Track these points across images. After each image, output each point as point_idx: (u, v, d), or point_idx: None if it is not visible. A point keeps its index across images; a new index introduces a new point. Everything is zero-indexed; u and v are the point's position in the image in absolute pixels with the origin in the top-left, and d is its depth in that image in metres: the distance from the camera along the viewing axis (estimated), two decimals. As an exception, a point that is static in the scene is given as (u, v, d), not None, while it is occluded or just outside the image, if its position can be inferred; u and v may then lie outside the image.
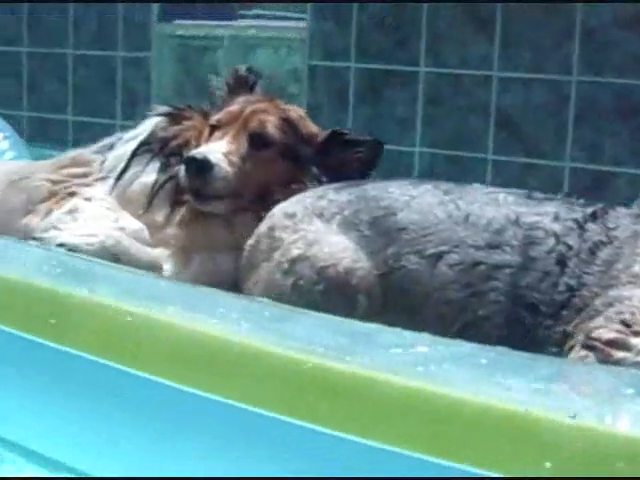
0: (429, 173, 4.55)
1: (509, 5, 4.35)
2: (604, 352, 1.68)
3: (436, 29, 4.53)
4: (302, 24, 4.90)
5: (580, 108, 4.25)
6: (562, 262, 1.85)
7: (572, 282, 1.83)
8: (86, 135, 2.92)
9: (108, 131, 3.15)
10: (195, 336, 1.66)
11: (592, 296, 1.80)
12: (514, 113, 4.38)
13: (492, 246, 1.91)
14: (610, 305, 1.75)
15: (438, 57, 4.53)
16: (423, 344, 1.56)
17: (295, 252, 2.04)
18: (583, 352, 1.75)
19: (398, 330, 1.65)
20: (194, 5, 5.52)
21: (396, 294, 1.98)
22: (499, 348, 1.58)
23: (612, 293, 1.77)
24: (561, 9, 4.25)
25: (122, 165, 2.70)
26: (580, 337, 1.79)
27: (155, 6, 5.34)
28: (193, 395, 1.57)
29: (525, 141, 4.36)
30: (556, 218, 1.92)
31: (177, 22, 5.34)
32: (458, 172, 4.47)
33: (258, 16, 6.79)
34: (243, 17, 6.34)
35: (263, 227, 2.20)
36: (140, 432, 1.66)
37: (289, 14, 5.39)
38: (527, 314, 1.85)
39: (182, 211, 2.47)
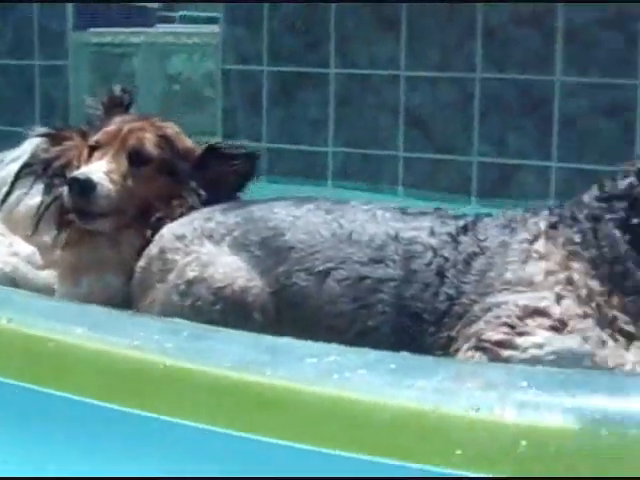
0: (343, 172, 4.66)
1: (414, 6, 4.46)
2: (493, 352, 1.81)
3: (344, 31, 4.63)
4: (215, 29, 4.98)
5: (485, 104, 4.38)
6: (441, 273, 1.96)
7: (451, 291, 1.95)
8: (5, 144, 2.96)
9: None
10: (117, 357, 1.73)
11: (471, 303, 1.92)
12: (422, 111, 4.50)
13: (376, 261, 2.02)
14: (488, 310, 1.88)
15: (347, 58, 4.64)
16: (334, 354, 1.65)
17: (191, 274, 2.12)
18: (470, 353, 1.86)
19: (308, 342, 1.75)
20: (109, 12, 5.57)
21: (289, 309, 2.08)
22: (404, 353, 1.70)
23: (489, 300, 1.89)
24: (463, 9, 4.37)
25: (5, 188, 2.74)
26: (462, 340, 1.90)
27: (70, 14, 5.38)
28: (119, 412, 1.64)
29: (434, 138, 4.49)
30: (432, 232, 2.03)
31: (92, 30, 5.39)
32: (370, 170, 4.58)
33: (184, 17, 6.86)
34: (165, 21, 6.41)
35: (153, 249, 2.28)
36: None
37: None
38: (412, 323, 1.96)
39: (68, 231, 2.52)
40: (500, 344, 1.81)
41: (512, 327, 1.81)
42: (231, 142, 2.97)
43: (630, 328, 1.81)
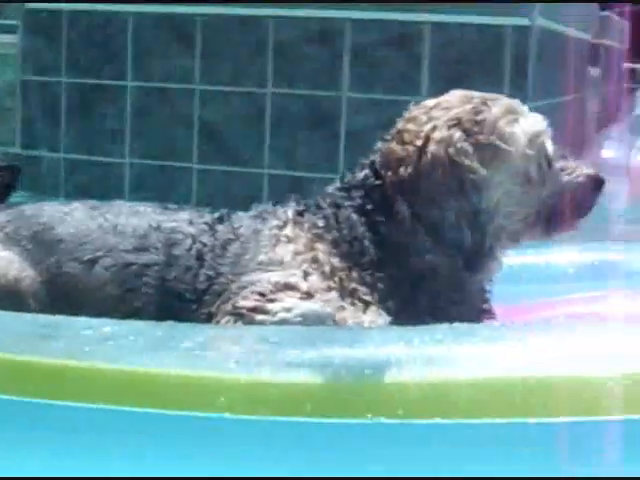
0: (139, 183, 4.72)
1: (208, 22, 4.58)
2: (248, 317, 2.00)
3: (141, 45, 4.71)
4: (14, 39, 4.99)
5: (275, 118, 4.52)
6: (200, 257, 2.12)
7: (210, 272, 2.10)
8: None
9: None
10: None
11: (228, 282, 2.08)
12: (216, 124, 4.61)
13: (140, 249, 2.17)
14: (244, 287, 2.04)
15: (144, 72, 4.72)
16: (108, 325, 1.88)
17: None
18: (227, 318, 2.04)
19: (84, 318, 1.95)
20: None
21: (61, 296, 2.22)
22: (169, 322, 1.93)
23: (244, 278, 2.06)
24: (255, 25, 4.51)
25: None
26: (221, 315, 2.05)
27: None
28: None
29: (227, 150, 4.60)
30: (191, 223, 2.19)
31: None
32: (166, 181, 4.67)
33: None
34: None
35: None
36: None
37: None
38: (176, 302, 2.12)
39: None
40: (254, 310, 1.98)
41: (263, 295, 1.99)
42: (29, 152, 3.01)
43: (368, 298, 2.01)
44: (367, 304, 2.00)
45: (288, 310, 1.96)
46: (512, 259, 2.26)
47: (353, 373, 1.63)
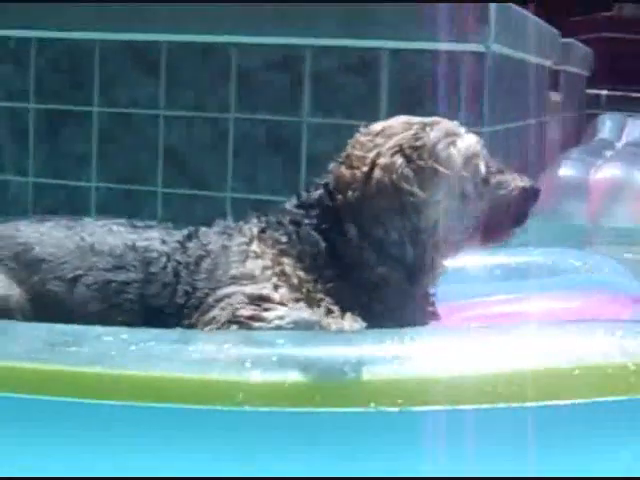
0: (105, 206, 4.82)
1: (172, 49, 4.69)
2: (247, 325, 2.17)
3: (107, 71, 4.82)
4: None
5: (238, 143, 4.63)
6: (177, 274, 2.27)
7: (187, 288, 2.26)
8: None
9: None
10: None
11: (204, 296, 2.24)
12: (180, 149, 4.72)
13: (118, 267, 2.31)
14: (221, 300, 2.21)
15: (110, 97, 4.82)
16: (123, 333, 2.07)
17: None
18: (227, 326, 2.19)
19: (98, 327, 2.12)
20: None
21: (47, 313, 2.34)
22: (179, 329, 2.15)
23: (220, 292, 2.22)
24: (218, 52, 4.63)
25: None
26: (201, 326, 2.21)
27: None
28: None
29: (190, 174, 4.71)
30: (163, 241, 2.34)
31: None
32: (132, 205, 4.76)
33: None
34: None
35: None
36: None
37: None
38: (156, 317, 2.26)
39: None
40: (251, 318, 2.16)
41: (259, 305, 2.17)
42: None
43: (333, 307, 2.19)
44: (344, 312, 2.19)
45: (281, 318, 2.13)
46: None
47: (343, 368, 1.85)
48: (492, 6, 4.45)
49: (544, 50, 6.45)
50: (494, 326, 2.22)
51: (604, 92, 10.18)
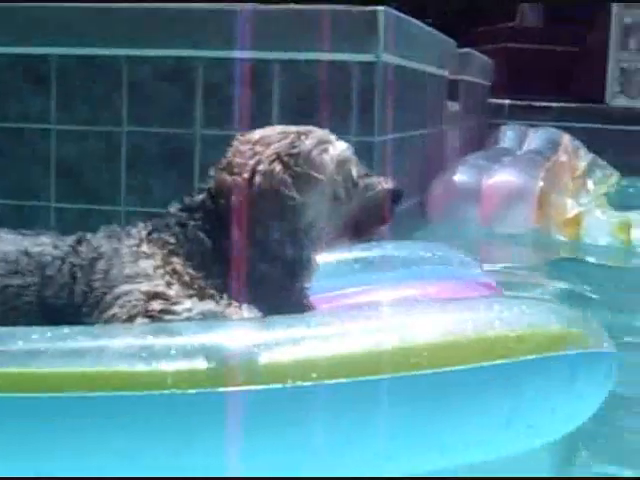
0: (-2, 222, 4.76)
1: (63, 63, 4.67)
2: (159, 318, 2.28)
3: (-2, 87, 4.78)
4: None
5: (131, 156, 4.62)
6: (73, 276, 2.38)
7: (84, 288, 2.37)
8: None
9: None
10: None
11: (102, 295, 2.35)
12: (73, 163, 4.69)
13: (14, 272, 2.41)
14: (119, 298, 2.33)
15: (0, 112, 4.77)
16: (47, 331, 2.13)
17: None
18: (140, 320, 2.29)
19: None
20: None
21: None
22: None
23: (117, 290, 2.34)
24: (108, 66, 4.62)
25: None
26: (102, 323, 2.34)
27: None
28: None
29: (84, 189, 4.68)
30: (55, 246, 2.45)
31: None
32: (24, 220, 4.71)
33: None
34: None
35: None
36: None
37: None
38: (57, 316, 2.34)
39: None
40: (162, 312, 2.28)
41: (167, 299, 2.29)
42: None
43: (231, 300, 2.33)
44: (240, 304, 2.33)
45: (190, 310, 2.27)
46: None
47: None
48: (381, 17, 4.50)
49: (440, 60, 6.53)
50: (376, 307, 2.37)
51: (507, 102, 10.33)
